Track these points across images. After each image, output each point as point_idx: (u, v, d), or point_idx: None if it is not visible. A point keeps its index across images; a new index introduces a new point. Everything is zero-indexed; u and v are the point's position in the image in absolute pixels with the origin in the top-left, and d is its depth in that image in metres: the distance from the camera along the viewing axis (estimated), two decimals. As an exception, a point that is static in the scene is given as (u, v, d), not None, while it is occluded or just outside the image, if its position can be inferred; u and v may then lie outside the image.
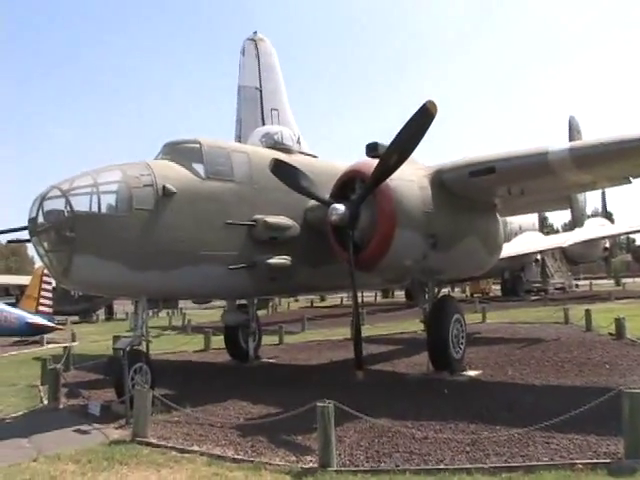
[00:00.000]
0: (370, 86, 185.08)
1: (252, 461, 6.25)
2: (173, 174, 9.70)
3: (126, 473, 6.10)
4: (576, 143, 9.40)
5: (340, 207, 9.26)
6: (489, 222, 11.62)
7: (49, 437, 7.68)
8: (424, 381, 10.47)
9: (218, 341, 17.74)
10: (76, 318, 31.56)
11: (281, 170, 10.39)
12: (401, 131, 8.83)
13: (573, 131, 18.36)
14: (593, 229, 28.29)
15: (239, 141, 16.05)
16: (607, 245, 31.79)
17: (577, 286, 38.14)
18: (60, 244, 8.48)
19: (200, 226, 9.79)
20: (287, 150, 12.30)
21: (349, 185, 10.02)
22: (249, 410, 8.92)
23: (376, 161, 9.52)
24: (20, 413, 9.15)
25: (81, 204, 8.50)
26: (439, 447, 6.41)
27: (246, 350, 13.99)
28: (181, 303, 24.32)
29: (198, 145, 10.39)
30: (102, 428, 8.05)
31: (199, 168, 10.16)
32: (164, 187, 9.29)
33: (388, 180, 9.23)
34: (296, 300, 42.57)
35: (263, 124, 17.17)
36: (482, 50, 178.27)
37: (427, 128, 8.76)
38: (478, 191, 10.54)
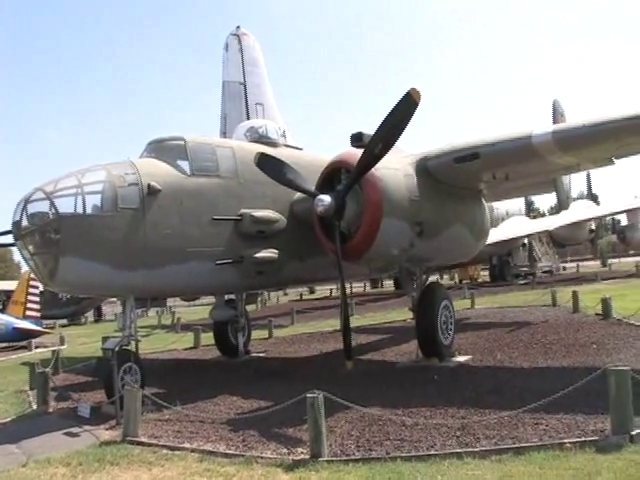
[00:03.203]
0: (356, 77, 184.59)
1: (243, 455, 6.25)
2: (158, 172, 9.64)
3: (117, 474, 6.07)
4: (559, 126, 9.40)
5: (325, 198, 9.23)
6: (475, 208, 11.65)
7: (38, 441, 7.61)
8: (414, 368, 10.52)
9: (208, 338, 17.63)
10: (65, 321, 31.31)
11: (266, 163, 10.34)
12: (385, 120, 8.80)
13: (557, 114, 18.42)
14: (579, 211, 28.46)
15: (224, 136, 15.93)
16: (593, 227, 32.02)
17: (564, 268, 38.55)
18: (45, 246, 8.39)
19: (186, 223, 9.75)
20: (272, 143, 12.26)
21: (334, 176, 9.98)
22: (239, 405, 8.92)
23: (361, 151, 9.51)
24: (9, 419, 9.05)
25: (65, 205, 8.41)
26: (429, 433, 6.44)
27: (236, 345, 13.99)
28: (170, 301, 24.28)
29: (182, 142, 10.37)
30: (92, 430, 7.99)
31: (184, 165, 10.13)
32: (149, 185, 9.23)
33: (373, 169, 9.21)
34: (285, 294, 42.58)
35: (248, 119, 17.02)
36: (468, 37, 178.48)
37: (411, 116, 8.74)
38: (463, 177, 10.54)
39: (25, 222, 8.40)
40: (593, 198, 34.30)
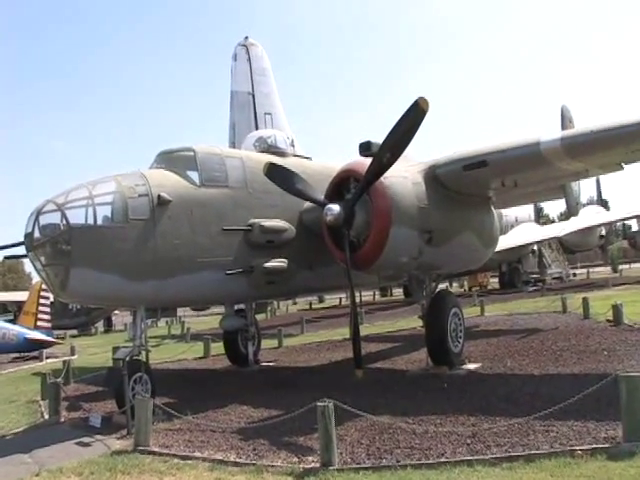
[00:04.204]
0: (363, 86, 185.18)
1: (254, 464, 6.27)
2: (168, 182, 9.74)
3: (128, 483, 6.11)
4: (567, 132, 9.40)
5: (335, 207, 9.28)
6: (484, 215, 11.62)
7: (50, 451, 7.67)
8: (423, 377, 10.50)
9: (218, 348, 17.70)
10: (75, 332, 31.49)
11: (275, 173, 10.42)
12: (393, 129, 8.86)
13: (565, 120, 18.39)
14: (588, 217, 28.33)
15: (233, 146, 16.07)
16: (603, 233, 31.86)
17: (574, 275, 38.26)
18: (57, 258, 8.49)
19: (196, 233, 9.82)
20: (281, 153, 12.33)
21: (343, 185, 10.04)
22: (250, 414, 8.94)
23: (370, 160, 9.58)
24: (21, 429, 9.14)
25: (77, 217, 8.52)
26: (440, 441, 6.44)
27: (245, 355, 14.00)
28: (180, 311, 24.34)
29: (192, 153, 10.48)
30: (104, 439, 8.04)
31: (194, 175, 10.22)
32: (159, 196, 9.32)
33: (382, 178, 9.25)
34: (294, 303, 42.55)
35: (257, 128, 17.19)
36: (474, 44, 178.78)
37: (419, 125, 8.79)
38: (472, 185, 10.53)
39: (37, 234, 8.51)
40: (603, 204, 34.03)
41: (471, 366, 10.75)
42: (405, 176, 9.86)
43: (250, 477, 5.90)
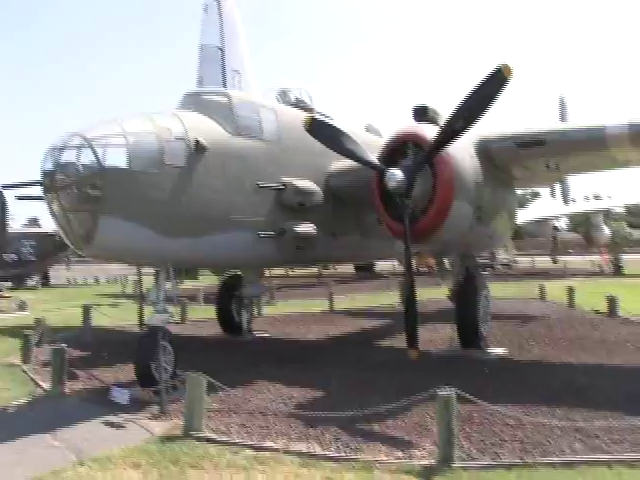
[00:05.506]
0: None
1: (355, 459, 5.44)
2: (204, 127, 8.53)
3: (212, 481, 5.10)
4: (635, 119, 9.07)
5: (398, 173, 8.36)
6: (513, 195, 11.29)
7: (77, 432, 6.44)
8: (455, 358, 10.00)
9: (193, 311, 16.70)
10: (9, 284, 28.62)
11: (320, 130, 9.29)
12: (470, 95, 8.05)
13: (564, 110, 18.42)
14: (544, 208, 29.13)
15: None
16: (555, 224, 33.03)
17: (516, 262, 39.58)
18: (84, 203, 7.09)
19: (231, 188, 8.77)
20: (309, 109, 11.27)
21: (399, 150, 9.14)
22: (289, 394, 8.02)
23: (429, 126, 8.94)
24: (23, 401, 7.71)
25: (110, 157, 7.12)
26: (546, 435, 5.91)
27: (239, 323, 12.99)
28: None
29: (227, 97, 9.34)
30: (134, 419, 6.90)
31: (229, 123, 9.01)
32: (197, 141, 8.09)
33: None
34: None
35: (224, 86, 16.02)
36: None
37: (499, 93, 8.00)
38: (518, 163, 10.07)
39: (59, 173, 7.05)
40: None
41: (499, 350, 10.38)
42: (464, 147, 9.16)
43: (366, 476, 5.07)
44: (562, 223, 33.63)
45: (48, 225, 26.90)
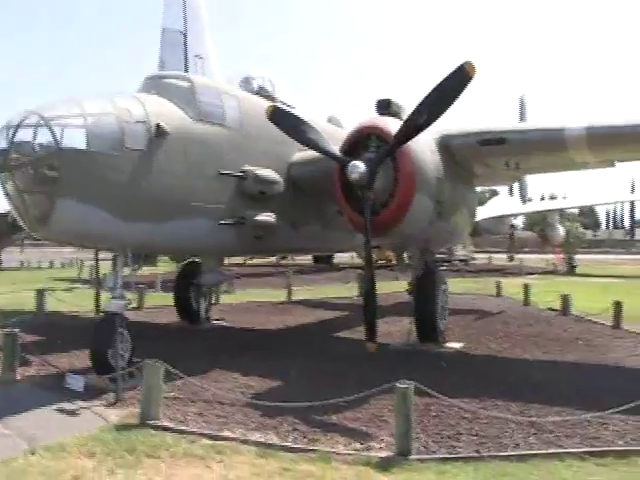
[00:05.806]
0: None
1: (313, 450, 5.45)
2: (165, 111, 8.36)
3: (170, 472, 5.00)
4: (593, 122, 9.34)
5: (360, 165, 8.37)
6: (473, 193, 11.50)
7: (29, 420, 6.24)
8: (412, 352, 10.13)
9: (150, 299, 16.42)
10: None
11: (282, 119, 9.24)
12: (434, 89, 8.14)
13: (524, 110, 18.80)
14: (503, 206, 29.82)
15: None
16: (512, 222, 33.87)
17: (473, 258, 40.43)
18: (40, 184, 6.85)
19: (192, 173, 8.65)
20: (271, 98, 11.13)
21: (361, 143, 9.16)
22: (247, 383, 8.01)
23: (392, 119, 9.00)
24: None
25: (68, 137, 6.89)
26: (502, 429, 6.05)
27: (197, 311, 12.85)
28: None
29: (189, 82, 9.18)
30: (89, 406, 6.75)
31: (191, 108, 8.84)
32: (158, 125, 7.92)
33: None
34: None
35: (187, 71, 15.72)
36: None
37: (462, 90, 8.12)
38: (480, 160, 10.29)
39: (14, 151, 6.77)
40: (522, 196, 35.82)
41: (456, 345, 10.58)
42: (426, 143, 9.26)
43: (323, 467, 5.08)
44: (519, 221, 34.14)
45: (1, 205, 25.81)
